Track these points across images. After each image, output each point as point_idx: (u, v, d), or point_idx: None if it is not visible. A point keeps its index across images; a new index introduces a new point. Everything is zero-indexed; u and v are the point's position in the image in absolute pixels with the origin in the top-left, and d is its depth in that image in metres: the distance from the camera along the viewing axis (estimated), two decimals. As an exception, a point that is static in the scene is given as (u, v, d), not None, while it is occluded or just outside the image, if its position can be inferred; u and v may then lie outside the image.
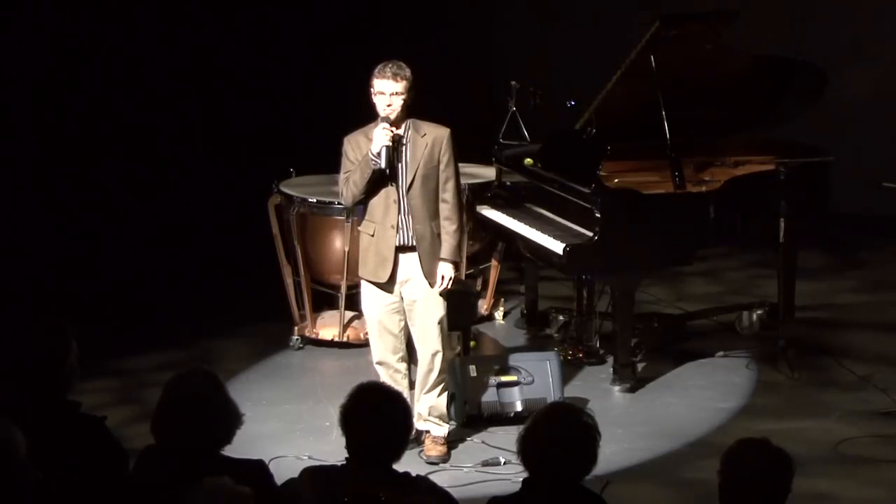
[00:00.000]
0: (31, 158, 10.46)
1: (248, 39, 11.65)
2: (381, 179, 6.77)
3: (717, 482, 4.33)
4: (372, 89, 6.75)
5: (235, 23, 11.60)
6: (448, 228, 6.84)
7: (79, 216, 10.41)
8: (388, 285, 6.86)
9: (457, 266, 6.98)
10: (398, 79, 6.68)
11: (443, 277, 6.84)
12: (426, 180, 6.79)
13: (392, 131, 6.70)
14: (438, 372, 6.97)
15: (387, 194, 6.80)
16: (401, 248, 6.83)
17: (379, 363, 6.99)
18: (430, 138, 6.78)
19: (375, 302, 6.93)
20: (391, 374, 6.93)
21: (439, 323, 6.90)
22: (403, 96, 6.70)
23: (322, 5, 11.97)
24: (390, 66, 6.70)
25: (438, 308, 6.89)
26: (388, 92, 6.69)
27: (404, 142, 6.77)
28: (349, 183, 6.81)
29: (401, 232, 6.81)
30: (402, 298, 6.90)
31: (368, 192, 6.80)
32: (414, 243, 6.81)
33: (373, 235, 6.86)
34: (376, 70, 6.73)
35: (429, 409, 6.99)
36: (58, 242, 10.07)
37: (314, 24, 11.91)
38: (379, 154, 6.68)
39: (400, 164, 6.76)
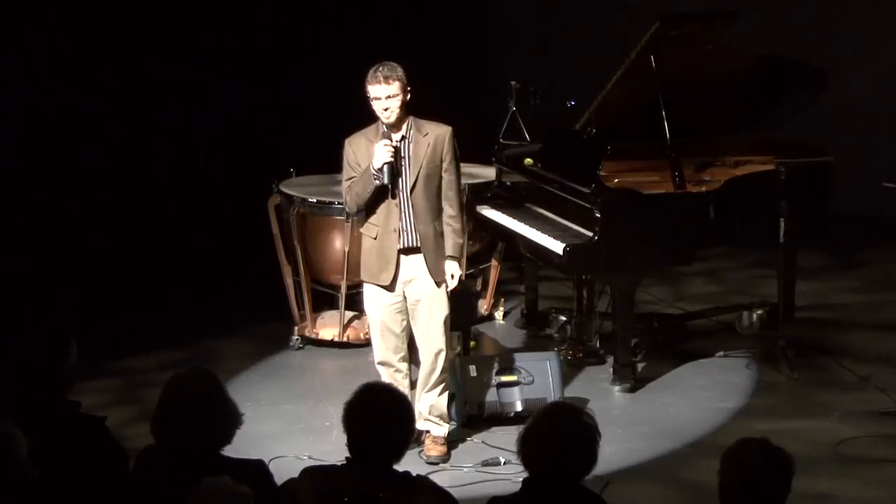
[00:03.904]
0: (31, 158, 10.46)
1: (247, 39, 11.66)
2: (383, 191, 6.78)
3: (717, 482, 4.33)
4: (368, 96, 6.74)
5: (235, 22, 11.61)
6: (454, 226, 6.85)
7: (79, 216, 10.41)
8: (390, 286, 6.87)
9: (460, 263, 6.99)
10: (390, 81, 6.66)
11: (452, 276, 6.85)
12: (429, 180, 6.79)
13: (393, 147, 6.70)
14: (441, 371, 6.97)
15: (389, 198, 6.80)
16: (404, 251, 6.83)
17: (381, 363, 6.98)
18: (432, 137, 6.78)
19: (378, 302, 6.92)
20: (392, 374, 6.93)
21: (444, 322, 6.90)
22: (399, 97, 6.68)
23: (322, 5, 11.97)
24: (381, 69, 6.68)
25: (442, 307, 6.89)
26: (382, 96, 6.68)
27: (407, 142, 6.76)
28: (352, 193, 6.83)
29: (403, 234, 6.81)
30: (405, 298, 6.90)
31: (371, 203, 6.82)
32: (417, 244, 6.82)
33: (375, 238, 6.86)
34: (368, 77, 6.71)
35: (429, 408, 6.99)
36: (58, 242, 10.07)
37: (314, 23, 11.92)
38: (381, 170, 6.69)
39: (402, 165, 6.76)
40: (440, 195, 6.85)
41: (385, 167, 6.68)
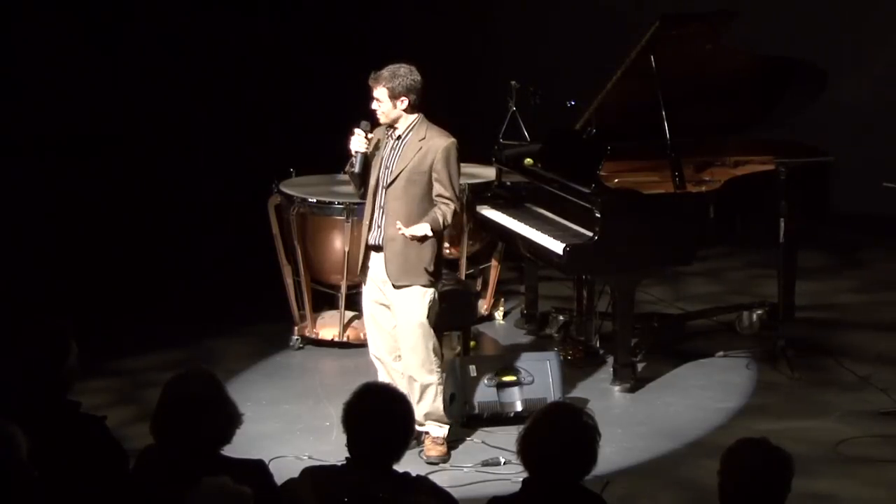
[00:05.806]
0: (31, 158, 10.46)
1: (248, 39, 11.66)
2: (361, 180, 6.83)
3: (717, 482, 4.33)
4: None
5: (236, 22, 11.61)
6: (442, 208, 6.68)
7: (79, 216, 10.41)
8: (363, 277, 6.91)
9: (424, 238, 6.66)
10: (376, 84, 6.69)
11: (413, 234, 6.59)
12: (410, 184, 6.71)
13: (368, 138, 6.72)
14: (420, 377, 6.83)
15: (372, 192, 6.83)
16: (374, 248, 6.82)
17: (374, 357, 7.02)
18: (427, 144, 6.71)
19: (369, 296, 6.96)
20: (388, 372, 6.94)
21: (418, 326, 6.78)
22: (384, 103, 6.68)
23: (323, 5, 11.98)
24: (380, 70, 6.71)
25: (413, 311, 6.76)
26: (373, 95, 6.74)
27: (402, 142, 6.75)
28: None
29: (374, 231, 6.81)
30: (389, 298, 6.92)
31: (361, 189, 6.89)
32: (381, 244, 6.78)
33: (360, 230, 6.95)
34: None
35: (424, 416, 6.88)
36: (58, 242, 10.07)
37: (315, 23, 11.92)
38: (354, 156, 6.75)
39: (392, 162, 6.75)
40: (421, 205, 6.70)
41: (358, 156, 6.74)
